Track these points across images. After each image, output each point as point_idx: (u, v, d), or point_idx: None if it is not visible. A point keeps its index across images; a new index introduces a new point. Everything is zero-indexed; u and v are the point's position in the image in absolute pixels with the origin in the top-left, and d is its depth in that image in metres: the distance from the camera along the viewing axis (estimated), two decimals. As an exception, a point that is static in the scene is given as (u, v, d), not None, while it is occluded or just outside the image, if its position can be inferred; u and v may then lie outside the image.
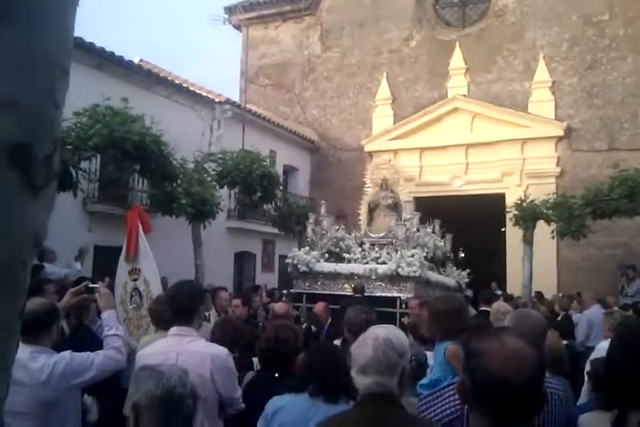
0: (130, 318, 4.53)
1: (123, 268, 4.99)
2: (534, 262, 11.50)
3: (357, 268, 9.50)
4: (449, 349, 3.29)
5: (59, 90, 0.77)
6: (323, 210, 10.89)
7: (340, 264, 9.79)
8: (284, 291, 11.11)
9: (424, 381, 3.28)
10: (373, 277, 9.24)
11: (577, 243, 12.01)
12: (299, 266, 9.76)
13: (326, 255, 10.11)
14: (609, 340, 5.37)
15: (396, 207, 10.77)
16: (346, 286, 9.40)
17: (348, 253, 10.10)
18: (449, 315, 3.35)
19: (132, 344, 4.61)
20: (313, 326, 6.29)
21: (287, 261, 10.21)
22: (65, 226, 9.89)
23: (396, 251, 9.41)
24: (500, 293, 11.73)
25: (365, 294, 8.61)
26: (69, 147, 7.16)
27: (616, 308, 8.96)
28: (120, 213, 11.80)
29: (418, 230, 10.25)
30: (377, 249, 9.95)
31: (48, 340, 3.17)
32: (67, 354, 3.13)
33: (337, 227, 10.67)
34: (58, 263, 9.24)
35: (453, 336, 3.28)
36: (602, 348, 5.66)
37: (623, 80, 15.18)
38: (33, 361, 2.99)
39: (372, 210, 10.94)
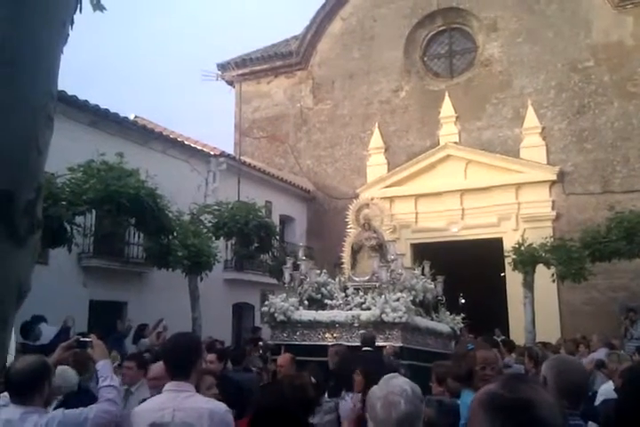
0: None
1: None
2: (536, 306, 11.39)
3: (339, 315, 8.80)
4: None
5: (42, 135, 0.75)
6: (301, 253, 10.41)
7: (320, 312, 9.06)
8: (260, 343, 10.26)
9: None
10: (356, 324, 8.49)
11: (578, 286, 11.94)
12: (275, 315, 9.01)
13: (306, 302, 9.39)
14: (611, 382, 5.24)
15: (380, 248, 10.02)
16: (327, 335, 8.76)
17: (331, 299, 9.36)
18: None
19: None
20: (313, 378, 6.09)
21: (263, 309, 9.44)
22: (60, 281, 9.81)
23: (381, 295, 8.70)
24: (500, 339, 11.52)
25: (349, 344, 7.72)
26: (64, 202, 7.17)
27: (622, 351, 8.81)
28: (115, 267, 11.74)
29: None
30: (361, 294, 9.18)
31: (40, 399, 3.09)
32: (59, 412, 3.05)
33: (318, 271, 9.93)
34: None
35: None
36: (605, 389, 5.50)
37: (612, 124, 15.43)
38: (24, 422, 2.90)
39: (355, 252, 10.20)
